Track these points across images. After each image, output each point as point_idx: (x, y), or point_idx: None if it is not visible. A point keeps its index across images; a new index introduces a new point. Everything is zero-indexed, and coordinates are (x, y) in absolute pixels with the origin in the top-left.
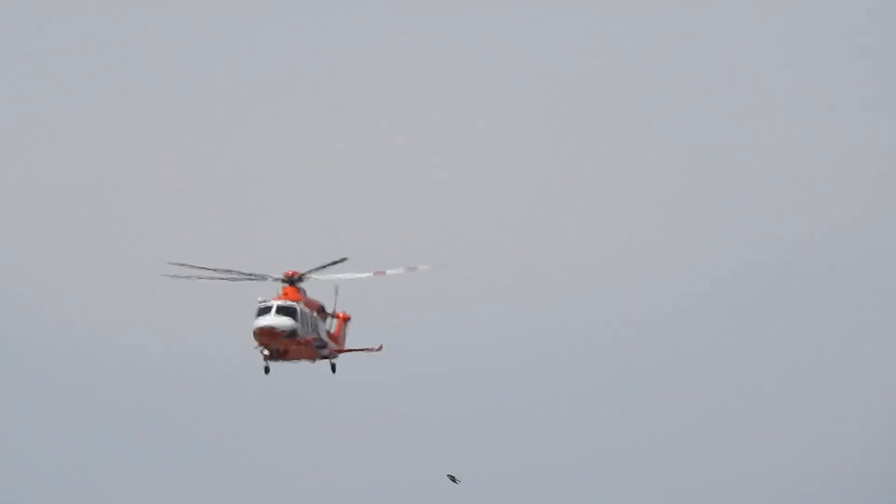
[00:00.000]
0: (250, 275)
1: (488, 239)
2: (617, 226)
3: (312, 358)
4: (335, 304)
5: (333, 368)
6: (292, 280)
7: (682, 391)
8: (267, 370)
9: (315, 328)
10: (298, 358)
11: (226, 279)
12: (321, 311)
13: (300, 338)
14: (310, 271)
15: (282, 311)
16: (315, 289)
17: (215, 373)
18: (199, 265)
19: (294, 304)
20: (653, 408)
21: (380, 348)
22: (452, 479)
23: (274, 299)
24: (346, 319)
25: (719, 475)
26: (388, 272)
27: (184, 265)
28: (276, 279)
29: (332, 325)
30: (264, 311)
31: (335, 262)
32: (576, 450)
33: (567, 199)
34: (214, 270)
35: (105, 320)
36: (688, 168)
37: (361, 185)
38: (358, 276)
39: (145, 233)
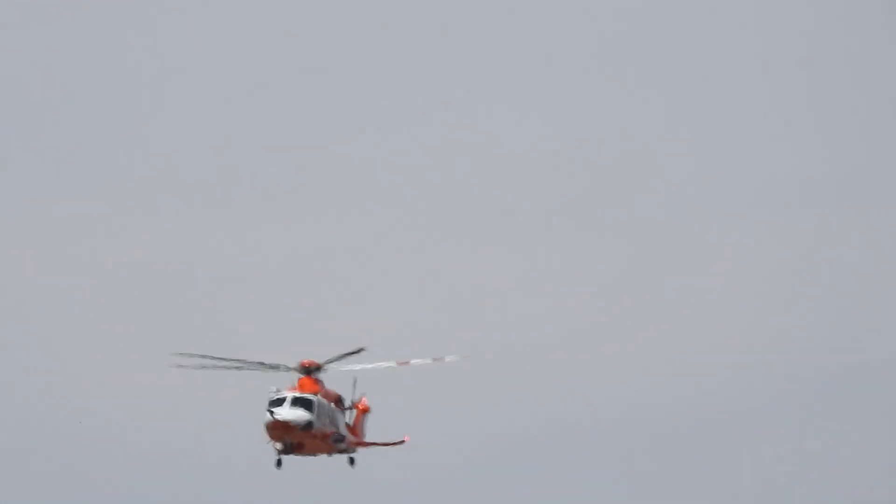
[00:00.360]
0: (262, 364)
1: (509, 329)
2: (636, 313)
3: (329, 452)
4: (353, 395)
5: (352, 462)
6: (309, 370)
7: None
8: (279, 464)
9: (333, 421)
10: (314, 452)
11: (236, 368)
12: (339, 402)
13: (316, 431)
14: (327, 362)
15: (297, 402)
16: (332, 379)
17: (224, 465)
18: (207, 354)
19: (310, 395)
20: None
21: (404, 441)
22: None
23: (288, 390)
24: (365, 411)
25: None
26: (413, 362)
27: (192, 355)
28: (291, 369)
29: (350, 416)
30: (278, 402)
31: (353, 353)
32: None
33: (588, 289)
34: (224, 360)
35: (111, 409)
36: None
37: (379, 275)
38: (380, 365)
39: (153, 320)
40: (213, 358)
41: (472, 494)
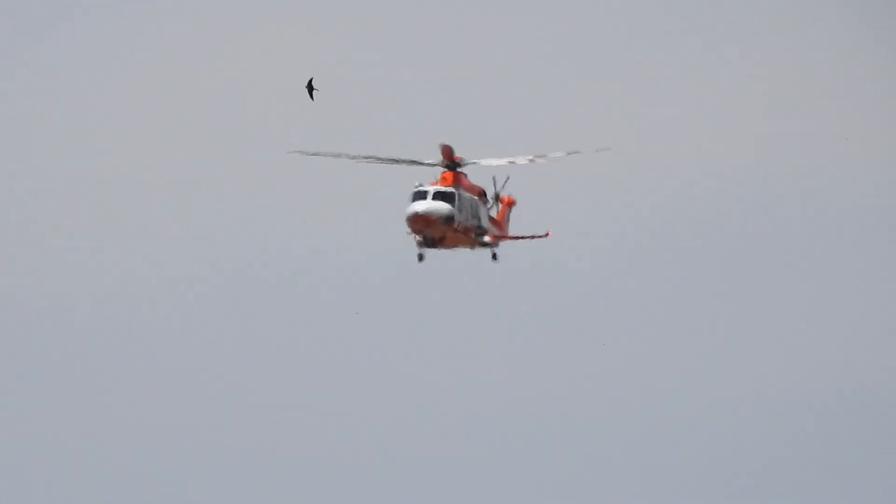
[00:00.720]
0: (402, 160)
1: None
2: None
3: (472, 245)
4: (499, 188)
5: (495, 257)
6: (452, 164)
7: None
8: (421, 258)
9: (476, 214)
10: (456, 245)
11: (384, 162)
12: (482, 195)
13: (458, 224)
14: (469, 162)
15: (439, 196)
16: (477, 175)
17: (367, 259)
18: (367, 154)
19: (452, 188)
20: None
21: (547, 234)
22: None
23: (431, 184)
24: (510, 204)
25: None
26: (549, 156)
27: (352, 155)
28: (435, 164)
29: (495, 210)
30: (420, 195)
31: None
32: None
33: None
34: (374, 157)
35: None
36: None
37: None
38: (518, 159)
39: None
40: (367, 157)
41: (613, 287)
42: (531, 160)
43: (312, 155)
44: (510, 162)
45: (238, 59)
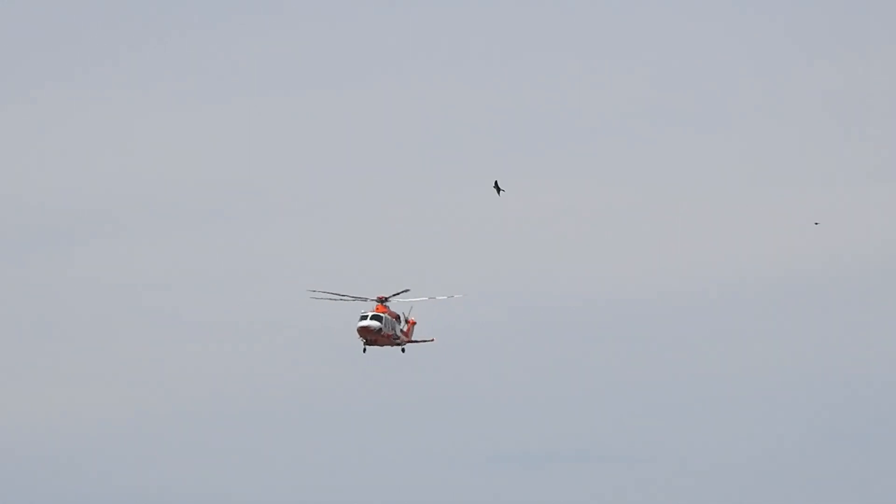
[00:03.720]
0: (357, 297)
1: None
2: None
3: (392, 345)
4: (407, 314)
5: (403, 350)
6: (381, 300)
7: None
8: (364, 350)
9: (393, 328)
10: (383, 345)
11: (343, 299)
12: (398, 318)
13: (384, 332)
14: (391, 296)
15: (374, 317)
16: (395, 306)
17: (336, 349)
18: (333, 291)
19: (381, 314)
20: None
21: (432, 340)
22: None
23: (370, 311)
24: (413, 324)
25: None
26: (438, 298)
27: (324, 292)
28: (372, 300)
29: (405, 326)
30: (364, 317)
31: (403, 291)
32: None
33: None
34: (339, 295)
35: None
36: None
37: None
38: (419, 299)
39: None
40: (333, 294)
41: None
42: (426, 301)
43: (322, 295)
44: (413, 302)
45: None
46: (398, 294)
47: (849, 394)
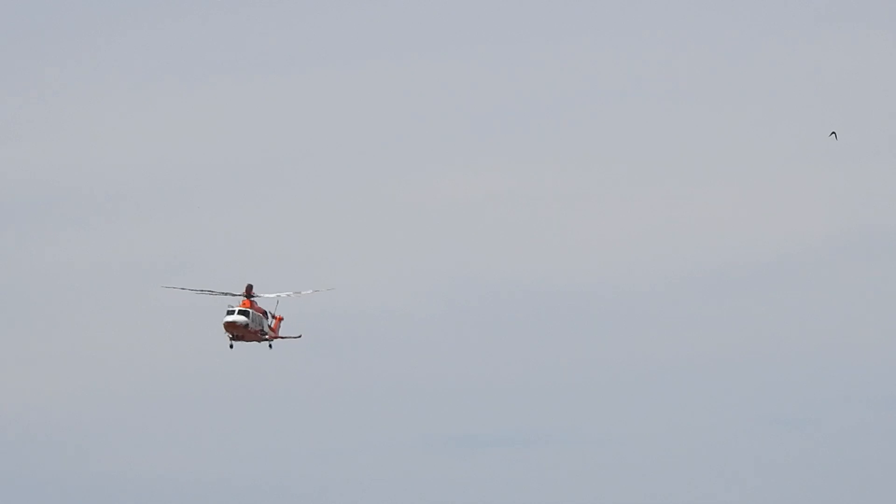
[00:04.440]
0: (225, 293)
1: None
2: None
3: (259, 340)
4: (275, 310)
5: (270, 346)
6: (248, 296)
7: None
8: (231, 346)
9: (260, 323)
10: (250, 340)
11: (209, 294)
12: (265, 313)
13: (251, 328)
14: (259, 294)
15: (241, 312)
16: (262, 302)
17: (205, 343)
18: (195, 287)
19: (247, 309)
20: None
21: (299, 336)
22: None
23: (237, 306)
24: (280, 319)
25: None
26: (303, 293)
27: (184, 288)
28: (239, 295)
29: (272, 322)
30: (230, 312)
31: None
32: None
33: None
34: (205, 290)
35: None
36: None
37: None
38: (284, 294)
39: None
40: (199, 290)
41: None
42: (289, 296)
43: (179, 289)
44: (280, 296)
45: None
46: (310, 292)
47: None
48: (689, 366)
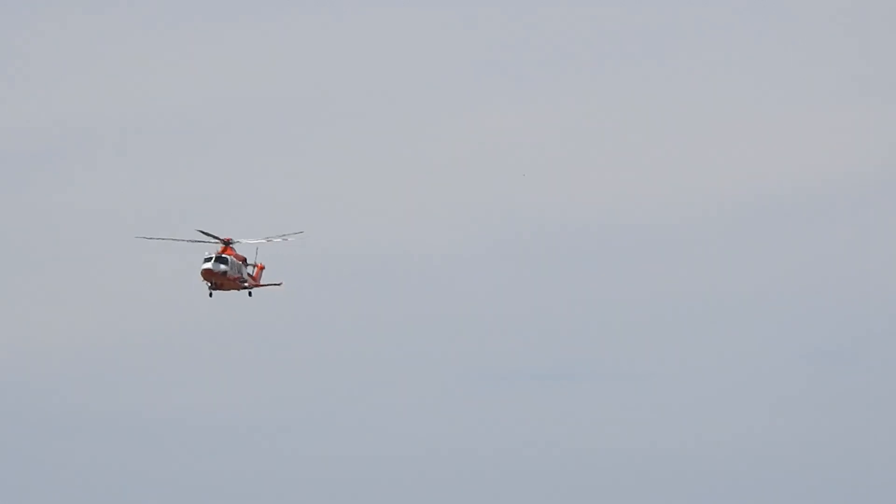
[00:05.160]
0: (212, 239)
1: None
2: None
3: (238, 289)
4: (255, 258)
5: (251, 294)
6: (228, 242)
7: None
8: (210, 294)
9: (240, 271)
10: (230, 288)
11: (190, 240)
12: (244, 261)
13: (229, 276)
14: (237, 240)
15: (219, 259)
16: (242, 249)
17: (185, 292)
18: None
19: (226, 256)
20: None
21: (280, 284)
22: None
23: (214, 253)
24: (262, 268)
25: None
26: (275, 239)
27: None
28: (218, 241)
29: (252, 270)
30: (208, 259)
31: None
32: None
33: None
34: (179, 239)
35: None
36: None
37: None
38: (258, 241)
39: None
40: (174, 238)
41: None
42: (270, 240)
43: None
44: (260, 242)
45: None
46: (285, 236)
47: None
48: (731, 301)
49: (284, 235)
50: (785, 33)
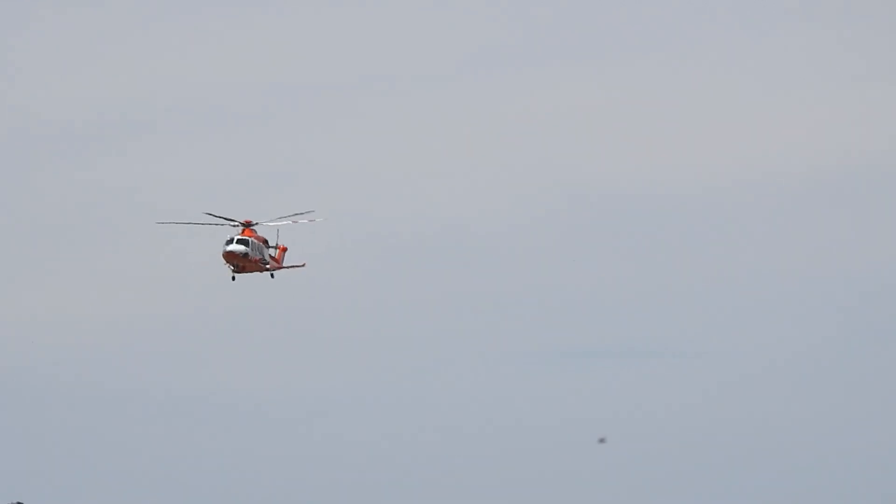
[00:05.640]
0: (227, 221)
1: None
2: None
3: (261, 271)
4: (277, 240)
5: (273, 276)
6: (248, 224)
7: None
8: (233, 278)
9: (261, 253)
10: (252, 271)
11: (211, 224)
12: (266, 243)
13: (251, 257)
14: (260, 222)
15: (240, 242)
16: (264, 231)
17: (207, 275)
18: (190, 220)
19: (247, 238)
20: None
21: (303, 265)
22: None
23: (236, 235)
24: (284, 249)
25: None
26: (298, 220)
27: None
28: (239, 223)
29: (275, 252)
30: (229, 241)
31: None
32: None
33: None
34: (205, 219)
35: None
36: None
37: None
38: (283, 222)
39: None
40: (194, 223)
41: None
42: (294, 221)
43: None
44: (281, 223)
45: None
46: (288, 217)
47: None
48: (803, 276)
49: (297, 215)
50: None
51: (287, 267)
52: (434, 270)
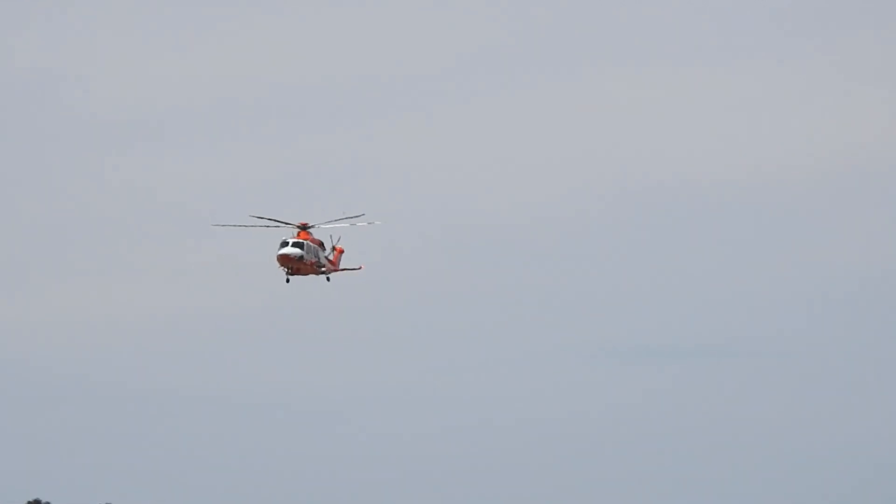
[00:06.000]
0: (284, 223)
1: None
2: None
3: (317, 274)
4: (335, 242)
5: (328, 279)
6: (304, 227)
7: None
8: (288, 280)
9: (317, 255)
10: (307, 273)
11: (268, 226)
12: (321, 245)
13: (306, 260)
14: (316, 224)
15: (295, 244)
16: (320, 233)
17: (263, 278)
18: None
19: (302, 240)
20: None
21: (360, 268)
22: None
23: (291, 238)
24: (341, 251)
25: None
26: (357, 223)
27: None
28: (294, 226)
29: (331, 254)
30: (284, 244)
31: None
32: None
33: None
34: (260, 221)
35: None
36: None
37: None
38: (339, 224)
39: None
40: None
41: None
42: (351, 224)
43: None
44: (338, 225)
45: None
46: (344, 219)
47: None
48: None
49: (349, 218)
50: None
51: (344, 269)
52: (482, 267)
